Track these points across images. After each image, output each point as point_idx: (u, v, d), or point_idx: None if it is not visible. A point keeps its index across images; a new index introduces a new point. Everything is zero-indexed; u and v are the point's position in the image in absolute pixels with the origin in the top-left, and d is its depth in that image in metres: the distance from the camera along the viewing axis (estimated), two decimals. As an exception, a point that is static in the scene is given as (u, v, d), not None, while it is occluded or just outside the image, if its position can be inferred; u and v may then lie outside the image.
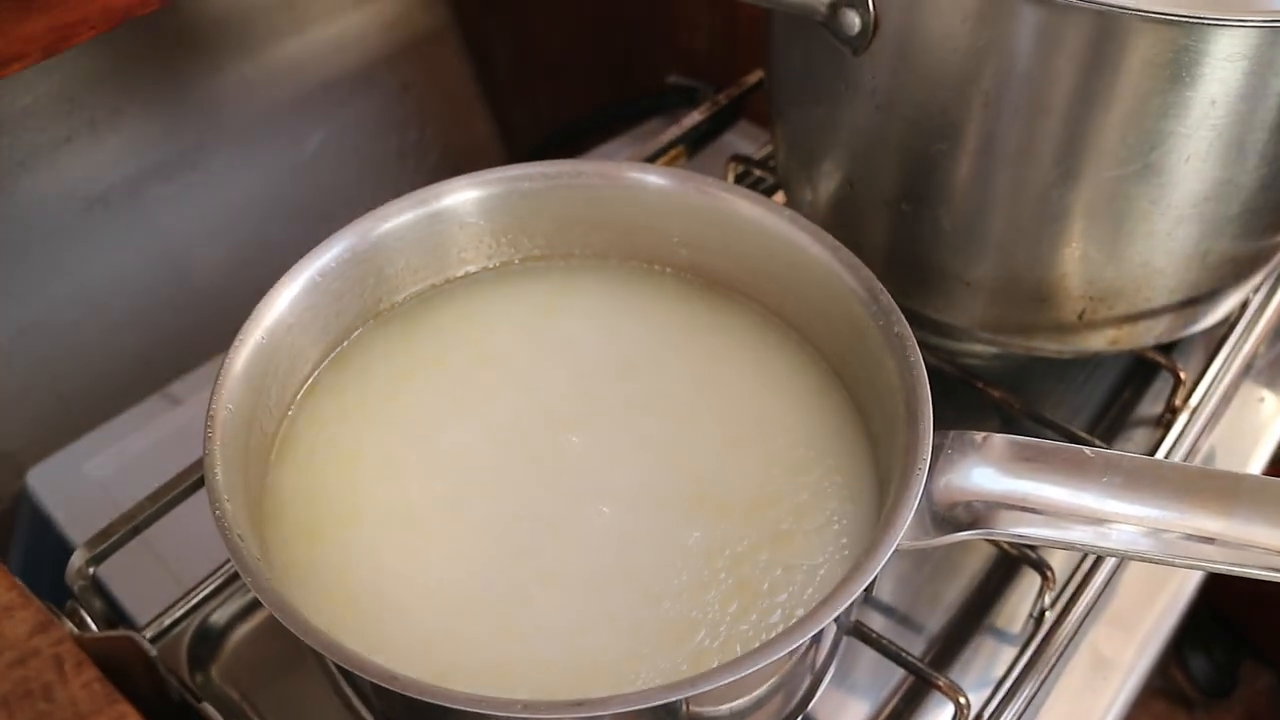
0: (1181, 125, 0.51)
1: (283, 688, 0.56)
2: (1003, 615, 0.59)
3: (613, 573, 0.48)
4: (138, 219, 0.84)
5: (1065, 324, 0.61)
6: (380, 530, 0.50)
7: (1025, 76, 0.52)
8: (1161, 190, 0.54)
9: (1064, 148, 0.53)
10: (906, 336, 0.48)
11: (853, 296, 0.51)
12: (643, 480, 0.51)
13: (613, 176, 0.57)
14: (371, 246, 0.54)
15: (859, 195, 0.62)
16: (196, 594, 0.56)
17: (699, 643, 0.46)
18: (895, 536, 0.42)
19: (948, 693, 0.52)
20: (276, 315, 0.51)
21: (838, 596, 0.41)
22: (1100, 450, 0.46)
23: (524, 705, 0.38)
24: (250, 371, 0.49)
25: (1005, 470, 0.46)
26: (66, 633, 0.37)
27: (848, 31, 0.55)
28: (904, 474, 0.44)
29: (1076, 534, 0.45)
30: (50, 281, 0.81)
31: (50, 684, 0.35)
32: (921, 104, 0.55)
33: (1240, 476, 0.45)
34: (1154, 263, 0.57)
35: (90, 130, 0.79)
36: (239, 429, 0.47)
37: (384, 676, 0.38)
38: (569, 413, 0.54)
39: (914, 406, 0.46)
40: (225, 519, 0.43)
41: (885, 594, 0.60)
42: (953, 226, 0.58)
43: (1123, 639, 0.59)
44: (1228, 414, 0.69)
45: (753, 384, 0.55)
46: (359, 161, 0.98)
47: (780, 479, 0.51)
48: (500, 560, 0.49)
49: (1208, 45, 0.48)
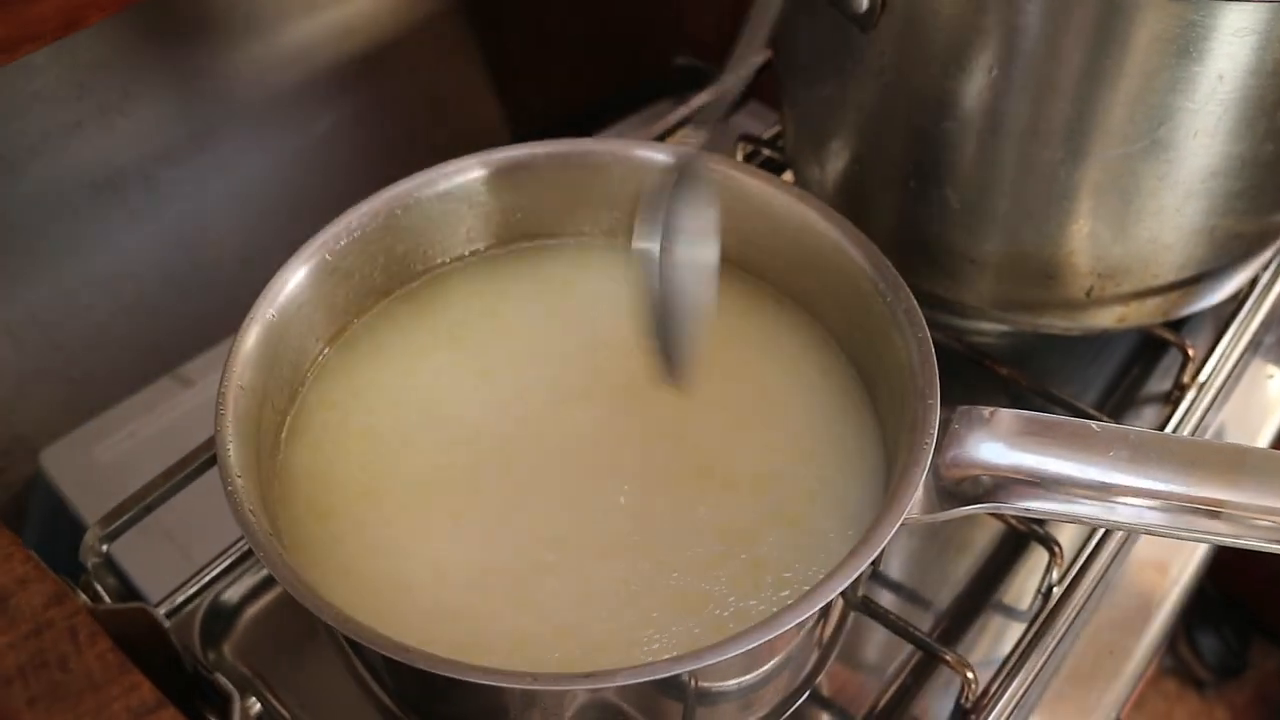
0: (1189, 101, 0.51)
1: (295, 665, 0.56)
2: (1011, 591, 0.60)
3: (625, 547, 0.48)
4: (148, 203, 0.84)
5: (1073, 301, 0.61)
6: (392, 507, 0.50)
7: (1033, 53, 0.52)
8: (1169, 166, 0.54)
9: (1071, 124, 0.53)
10: (914, 312, 0.49)
11: (861, 273, 0.51)
12: (654, 457, 0.52)
13: (621, 155, 0.57)
14: (382, 225, 0.55)
15: (867, 173, 0.62)
16: (209, 571, 0.56)
17: (710, 613, 0.46)
18: (902, 510, 0.42)
19: (955, 667, 0.52)
20: (287, 293, 0.51)
21: (844, 570, 0.41)
22: (1107, 424, 0.46)
23: (534, 677, 0.38)
24: (262, 349, 0.49)
25: (1012, 444, 0.46)
26: (81, 605, 0.37)
27: (856, 9, 0.55)
28: (911, 448, 0.44)
29: (1083, 508, 0.45)
30: (61, 265, 0.81)
31: (65, 654, 0.35)
32: (929, 82, 0.55)
33: (1246, 450, 0.45)
34: (1162, 239, 0.57)
35: (100, 114, 0.79)
36: (251, 407, 0.48)
37: (395, 649, 0.39)
38: (580, 390, 0.54)
39: (921, 382, 0.46)
40: (237, 494, 0.43)
41: (894, 571, 0.60)
42: (960, 204, 0.58)
43: (1131, 615, 0.59)
44: (1236, 391, 0.69)
45: (762, 361, 0.55)
46: (368, 144, 0.98)
47: (788, 456, 0.51)
48: (512, 535, 0.49)
49: (1216, 20, 0.48)
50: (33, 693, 0.34)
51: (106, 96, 0.79)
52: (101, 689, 0.35)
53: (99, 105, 0.79)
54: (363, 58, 0.94)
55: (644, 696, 0.44)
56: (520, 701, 0.43)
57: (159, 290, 0.87)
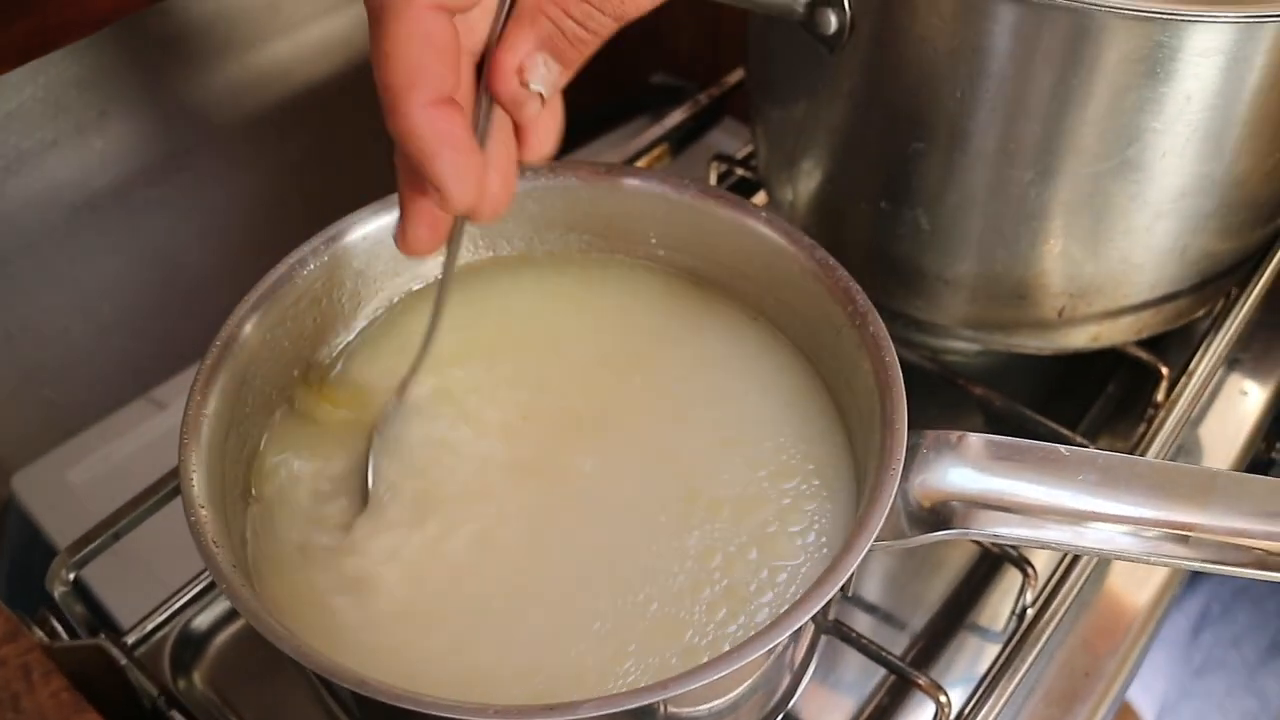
0: (1158, 121, 0.51)
1: (265, 692, 0.56)
2: (985, 613, 0.59)
3: (601, 571, 0.48)
4: (124, 223, 0.84)
5: (1046, 321, 0.61)
6: (363, 539, 0.49)
7: (1001, 74, 0.52)
8: (1139, 186, 0.54)
9: (1041, 145, 0.53)
10: (882, 336, 0.48)
11: (829, 296, 0.51)
12: (632, 479, 0.51)
13: (590, 178, 0.57)
14: (349, 249, 0.54)
15: (839, 194, 0.62)
16: (179, 599, 0.56)
17: (688, 641, 0.46)
18: (869, 537, 0.42)
19: (929, 691, 0.52)
20: (257, 318, 0.51)
21: (811, 597, 0.41)
22: (1076, 448, 0.46)
23: (496, 710, 0.38)
24: (229, 376, 0.49)
25: (982, 469, 0.46)
26: (35, 642, 0.37)
27: (825, 30, 0.55)
28: (879, 474, 0.44)
29: (1053, 533, 0.45)
30: (37, 286, 0.81)
31: (18, 693, 0.35)
32: (898, 102, 0.56)
33: (1215, 473, 0.45)
34: (1133, 259, 0.57)
35: (77, 134, 0.79)
36: (216, 435, 0.47)
37: (355, 682, 0.38)
38: (553, 412, 0.54)
39: (889, 407, 0.46)
40: (200, 526, 0.43)
41: (867, 593, 0.60)
42: (932, 225, 0.58)
43: (1107, 637, 0.59)
44: (1211, 408, 0.69)
45: (739, 384, 0.55)
46: (346, 165, 0.97)
47: (765, 481, 0.51)
48: (489, 565, 0.48)
49: (1183, 41, 0.48)
50: (-17, 733, 0.34)
51: (83, 116, 0.79)
52: (55, 728, 0.34)
53: (75, 125, 0.79)
54: (340, 79, 0.94)
55: (614, 726, 0.44)
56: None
57: (134, 312, 0.87)
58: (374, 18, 0.39)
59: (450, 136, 0.39)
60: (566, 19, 0.40)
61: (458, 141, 0.39)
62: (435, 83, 0.39)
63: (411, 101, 0.38)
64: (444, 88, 0.39)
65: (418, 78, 0.38)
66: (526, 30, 0.41)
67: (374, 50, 0.39)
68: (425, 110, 0.38)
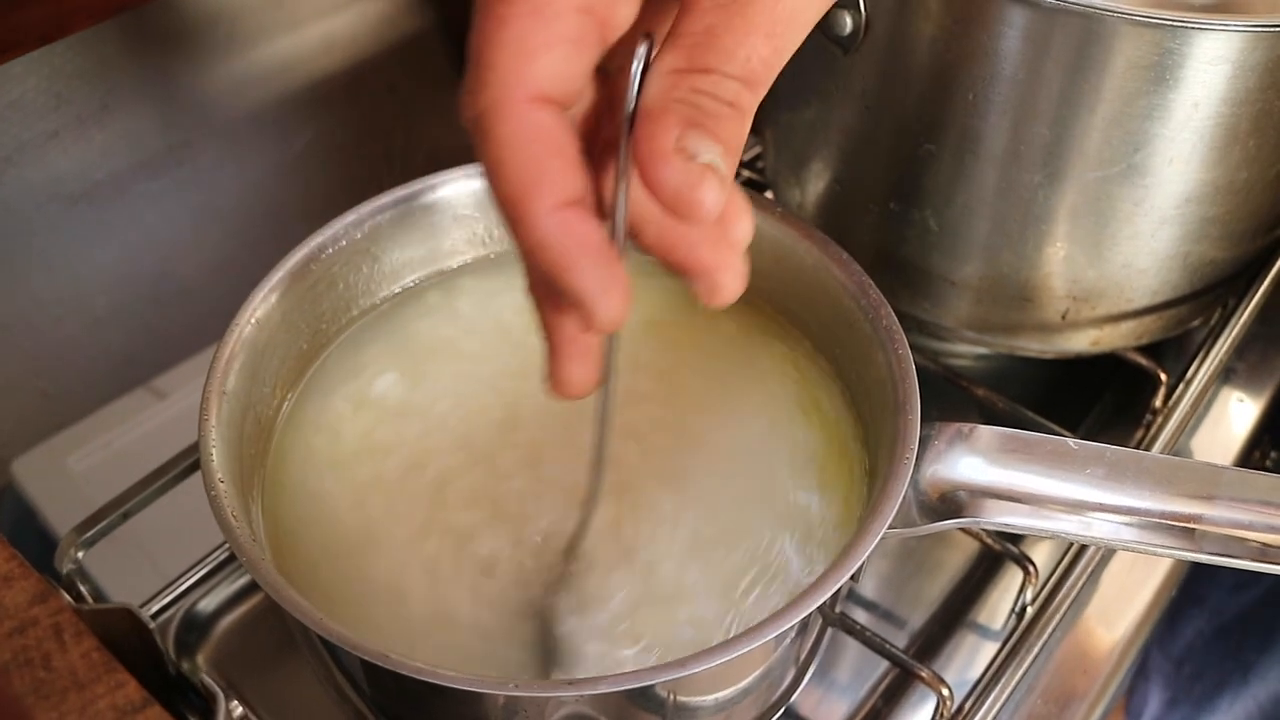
0: (1165, 127, 0.52)
1: (269, 675, 0.56)
2: (985, 610, 0.60)
3: (616, 562, 0.48)
4: (124, 215, 0.84)
5: (1048, 324, 0.62)
6: (381, 518, 0.50)
7: (1012, 78, 0.53)
8: (1145, 192, 0.55)
9: (1050, 148, 0.54)
10: (895, 330, 0.49)
11: (842, 291, 0.52)
12: (641, 472, 0.52)
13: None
14: (366, 236, 0.55)
15: (847, 195, 0.63)
16: (184, 581, 0.56)
17: (700, 630, 0.46)
18: (882, 524, 0.43)
19: (930, 684, 0.53)
20: (272, 302, 0.51)
21: (824, 582, 0.41)
22: (1085, 443, 0.46)
23: (516, 684, 0.39)
24: (245, 357, 0.49)
25: (991, 460, 0.46)
26: (65, 603, 0.37)
27: (839, 31, 0.56)
28: (892, 462, 0.45)
29: (1060, 523, 0.46)
30: (35, 277, 0.81)
31: (49, 652, 0.35)
32: (910, 104, 0.56)
33: (1220, 468, 0.46)
34: (1136, 264, 0.58)
35: (77, 126, 0.79)
36: (234, 413, 0.47)
37: (376, 655, 0.39)
38: (560, 410, 0.54)
39: (902, 397, 0.47)
40: (220, 499, 0.43)
41: (869, 590, 0.61)
42: (939, 226, 0.59)
43: (1105, 633, 0.59)
44: (1207, 416, 0.70)
45: (748, 377, 0.55)
46: (346, 162, 0.98)
47: (776, 473, 0.51)
48: (502, 547, 0.49)
49: (1192, 48, 0.49)
50: (16, 690, 0.34)
51: (84, 108, 0.79)
52: (86, 687, 0.34)
53: (77, 116, 0.79)
54: (342, 75, 0.94)
55: (622, 709, 0.44)
56: (501, 711, 0.43)
57: (133, 303, 0.87)
58: (474, 128, 0.34)
59: (587, 242, 0.33)
60: (700, 95, 0.34)
61: (596, 247, 0.33)
62: (560, 182, 0.33)
63: (536, 209, 0.33)
64: (570, 189, 0.33)
65: (539, 180, 0.33)
66: (669, 116, 0.33)
67: (484, 162, 0.34)
68: (553, 216, 0.33)
